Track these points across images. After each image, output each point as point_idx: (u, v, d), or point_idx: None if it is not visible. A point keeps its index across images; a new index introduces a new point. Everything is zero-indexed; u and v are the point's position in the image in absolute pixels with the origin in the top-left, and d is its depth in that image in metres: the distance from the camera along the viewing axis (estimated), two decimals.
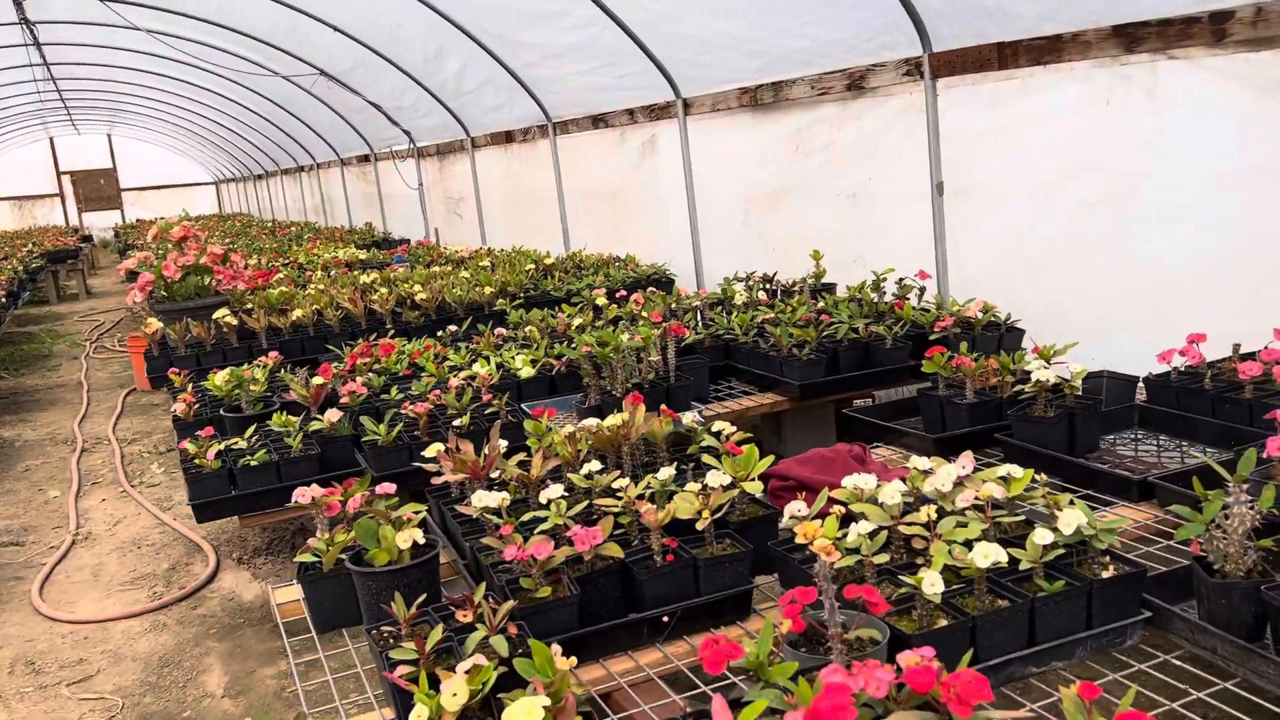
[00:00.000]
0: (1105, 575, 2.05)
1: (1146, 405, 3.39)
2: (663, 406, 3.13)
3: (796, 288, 5.45)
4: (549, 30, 7.26)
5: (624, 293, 5.76)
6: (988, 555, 1.93)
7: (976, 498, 2.22)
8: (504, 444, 2.93)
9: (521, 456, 2.89)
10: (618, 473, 2.77)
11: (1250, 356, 3.28)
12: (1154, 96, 3.91)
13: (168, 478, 6.19)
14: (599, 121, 8.10)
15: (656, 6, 6.06)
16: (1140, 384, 3.49)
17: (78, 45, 12.23)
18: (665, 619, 2.27)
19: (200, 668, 3.80)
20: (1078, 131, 4.25)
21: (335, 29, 9.36)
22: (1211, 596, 1.97)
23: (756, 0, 5.40)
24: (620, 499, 2.50)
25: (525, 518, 2.56)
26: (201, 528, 5.15)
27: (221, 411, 4.22)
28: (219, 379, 4.29)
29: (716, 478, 2.46)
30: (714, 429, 2.98)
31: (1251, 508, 1.96)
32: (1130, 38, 3.91)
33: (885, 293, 4.90)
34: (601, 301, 5.56)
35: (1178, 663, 2.00)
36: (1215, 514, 2.01)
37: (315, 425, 3.73)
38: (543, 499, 2.52)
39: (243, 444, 3.65)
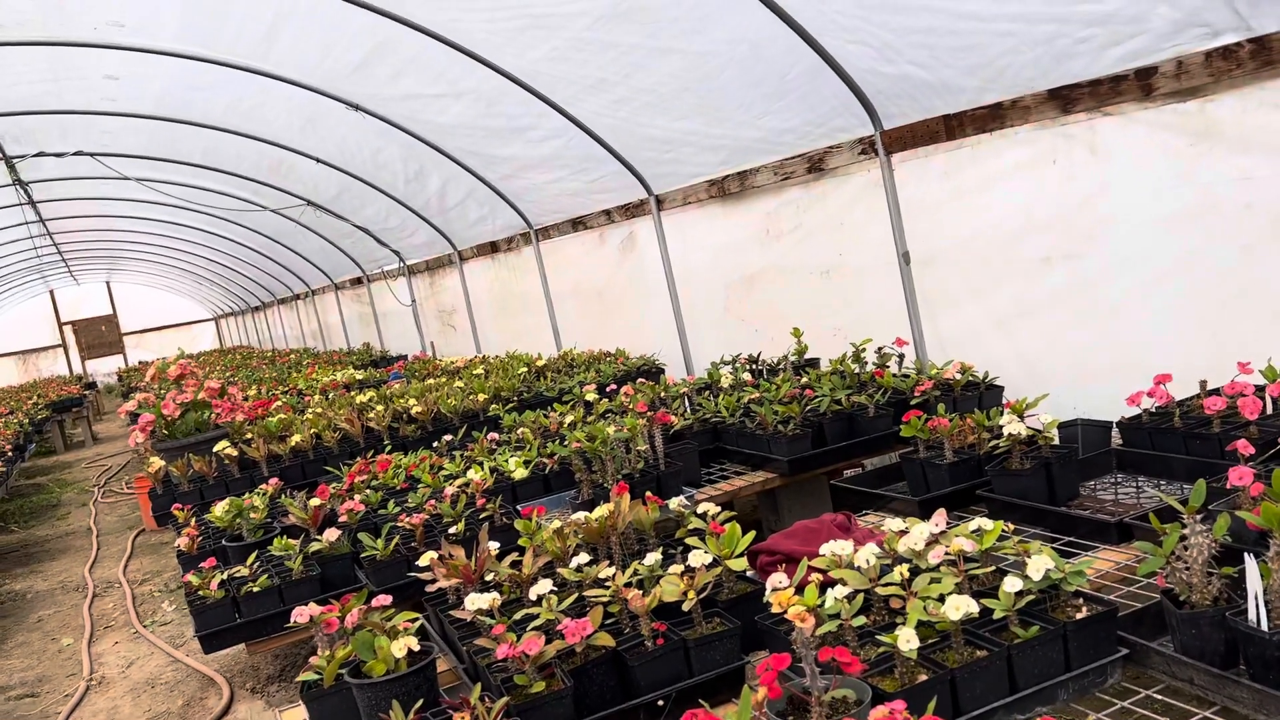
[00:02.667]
0: (1079, 617, 2.10)
1: (1122, 449, 3.46)
2: (648, 494, 3.21)
3: (780, 365, 5.55)
4: (520, 144, 7.52)
5: (614, 387, 5.87)
6: (959, 607, 1.99)
7: (947, 552, 2.28)
8: (495, 545, 3.00)
9: (514, 556, 2.96)
10: (607, 563, 2.84)
11: (1215, 392, 3.36)
12: (1096, 152, 4.08)
13: (179, 614, 6.21)
14: (578, 224, 8.33)
15: (620, 113, 6.31)
16: (1114, 428, 3.57)
17: (71, 199, 12.61)
18: (660, 703, 2.31)
19: None
20: (1029, 191, 4.40)
21: (318, 160, 9.68)
22: (1181, 628, 2.02)
23: (709, 100, 5.64)
24: (609, 588, 2.56)
25: (518, 616, 2.62)
26: (215, 660, 5.16)
27: (224, 542, 4.28)
28: (219, 510, 4.36)
29: (699, 557, 2.53)
30: (700, 510, 3.05)
31: (1208, 537, 2.02)
32: (1066, 99, 4.09)
33: (866, 363, 4.99)
34: (592, 397, 5.65)
35: (1159, 697, 2.04)
36: (1174, 546, 2.07)
37: (315, 546, 3.79)
38: (532, 595, 2.58)
39: (245, 571, 3.71)
